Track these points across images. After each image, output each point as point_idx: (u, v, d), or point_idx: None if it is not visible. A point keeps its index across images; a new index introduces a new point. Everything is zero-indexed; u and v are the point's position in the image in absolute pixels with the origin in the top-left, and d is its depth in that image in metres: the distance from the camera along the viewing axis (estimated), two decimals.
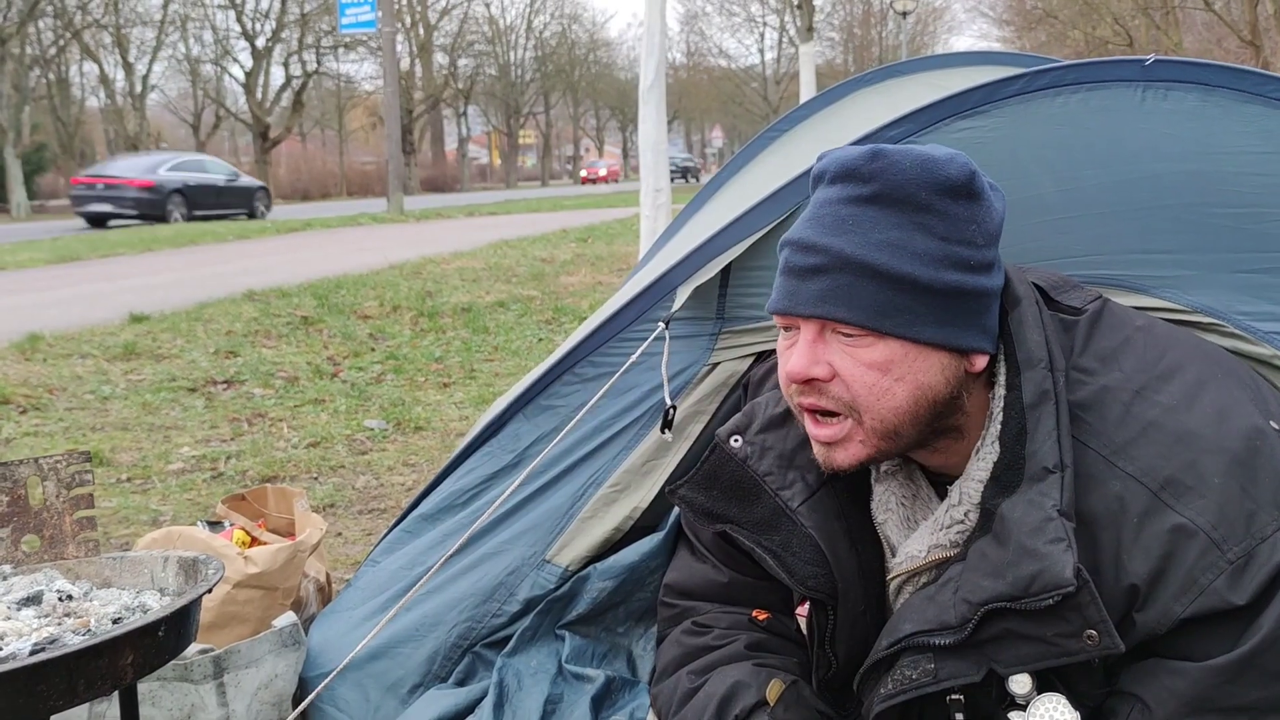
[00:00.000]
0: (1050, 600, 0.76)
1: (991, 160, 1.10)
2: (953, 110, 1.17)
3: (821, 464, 0.88)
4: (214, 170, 16.32)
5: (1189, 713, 0.77)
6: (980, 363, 0.85)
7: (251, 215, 15.97)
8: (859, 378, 0.82)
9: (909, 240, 0.81)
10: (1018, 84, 1.15)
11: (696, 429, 1.32)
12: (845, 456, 0.85)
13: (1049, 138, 1.14)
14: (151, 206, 14.33)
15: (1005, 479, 0.82)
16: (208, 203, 15.36)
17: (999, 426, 0.84)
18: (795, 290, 0.84)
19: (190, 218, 14.69)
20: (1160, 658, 0.79)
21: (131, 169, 15.06)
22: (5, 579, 1.02)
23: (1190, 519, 0.77)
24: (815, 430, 0.86)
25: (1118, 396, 0.83)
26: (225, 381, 4.01)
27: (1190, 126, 1.10)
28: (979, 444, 0.86)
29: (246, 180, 17.14)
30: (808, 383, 0.84)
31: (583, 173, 40.47)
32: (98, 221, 14.41)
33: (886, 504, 0.93)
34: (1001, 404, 0.84)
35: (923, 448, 0.88)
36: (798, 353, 0.84)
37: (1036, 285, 0.90)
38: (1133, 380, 0.84)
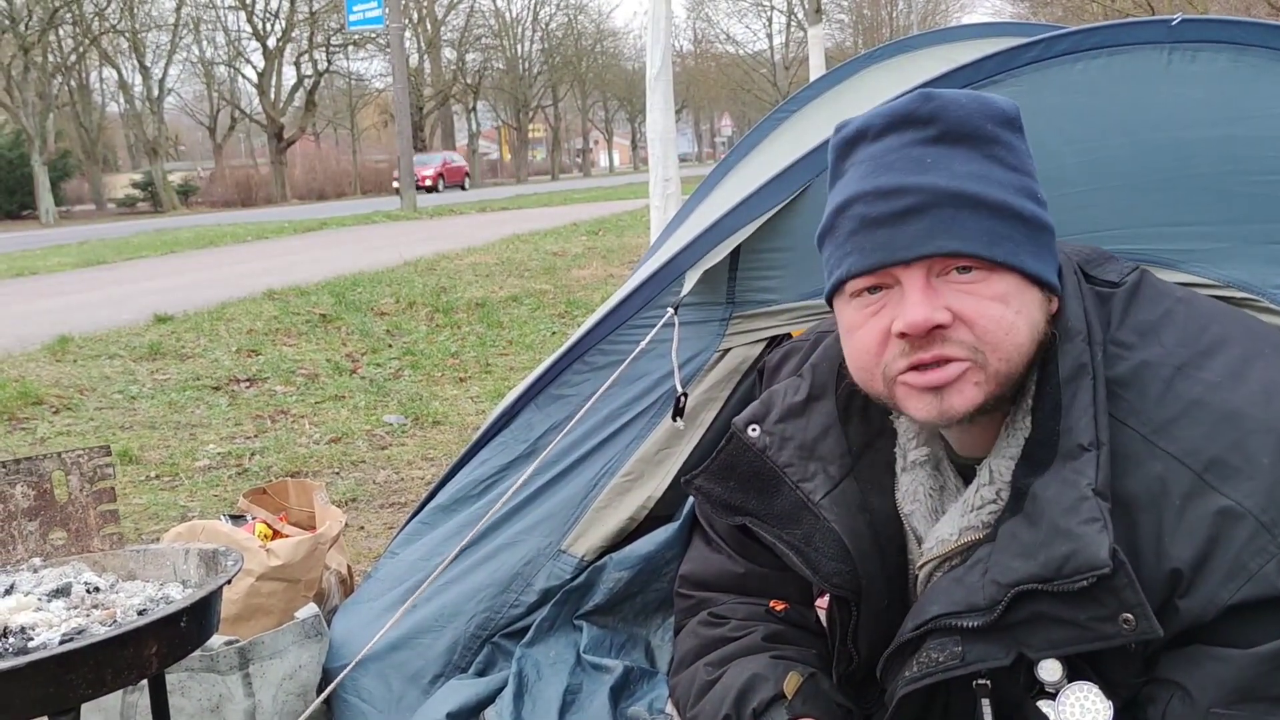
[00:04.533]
0: (1084, 582, 0.72)
1: None
2: (966, 81, 1.13)
3: (934, 418, 0.79)
4: None
5: (1233, 701, 0.74)
6: (1056, 305, 0.82)
7: None
8: (986, 313, 0.76)
9: (990, 171, 0.78)
10: (1034, 50, 1.11)
11: (709, 416, 1.31)
12: (963, 400, 0.78)
13: (1068, 106, 1.10)
14: None
15: (1038, 456, 0.79)
16: None
17: (1032, 400, 0.81)
18: (889, 238, 0.77)
19: None
20: (1202, 644, 0.76)
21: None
22: (36, 571, 1.04)
23: (1238, 501, 0.73)
24: (923, 378, 0.78)
25: (1158, 373, 0.79)
26: (248, 379, 4.06)
27: (1221, 90, 1.05)
28: (1010, 418, 0.83)
29: None
30: (927, 334, 0.76)
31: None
32: None
33: (914, 495, 0.90)
34: (1035, 376, 0.81)
35: (982, 414, 0.82)
36: (913, 302, 0.76)
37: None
38: (1174, 355, 0.79)
